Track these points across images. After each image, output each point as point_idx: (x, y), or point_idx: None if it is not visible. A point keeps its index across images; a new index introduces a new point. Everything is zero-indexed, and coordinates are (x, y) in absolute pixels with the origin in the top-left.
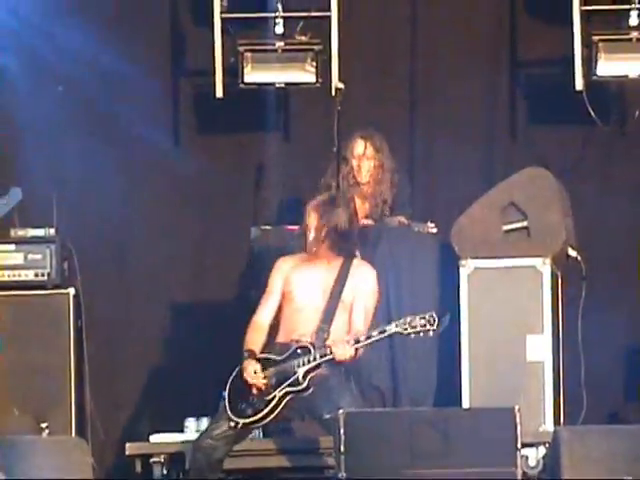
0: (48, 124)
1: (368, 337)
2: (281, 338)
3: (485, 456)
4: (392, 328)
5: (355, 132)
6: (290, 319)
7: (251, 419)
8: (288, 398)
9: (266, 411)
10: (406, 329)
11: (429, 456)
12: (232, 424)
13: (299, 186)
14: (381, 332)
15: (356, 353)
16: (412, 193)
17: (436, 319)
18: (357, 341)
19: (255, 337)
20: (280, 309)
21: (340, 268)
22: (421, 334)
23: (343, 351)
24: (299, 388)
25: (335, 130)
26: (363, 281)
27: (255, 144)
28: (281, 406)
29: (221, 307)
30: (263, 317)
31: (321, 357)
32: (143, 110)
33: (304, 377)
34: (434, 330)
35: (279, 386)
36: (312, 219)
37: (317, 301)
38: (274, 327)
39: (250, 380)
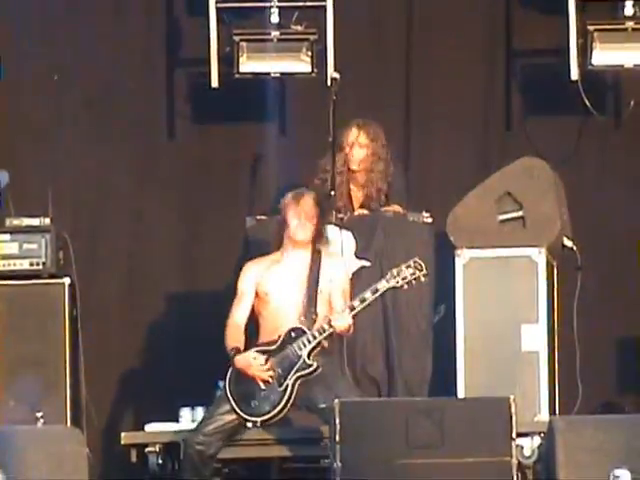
0: (43, 113)
1: (362, 300)
2: (263, 339)
3: (480, 446)
4: (383, 284)
5: (352, 121)
6: (269, 320)
7: (271, 414)
8: (299, 383)
9: (284, 402)
10: (398, 282)
11: (424, 446)
12: (250, 425)
13: (295, 176)
14: (374, 292)
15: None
16: (407, 183)
17: (422, 263)
18: (353, 307)
19: (236, 336)
20: (256, 313)
21: (311, 261)
22: (414, 282)
23: (342, 321)
24: (309, 370)
25: (330, 120)
26: (335, 270)
27: (251, 134)
28: (295, 393)
29: (216, 297)
30: (238, 318)
31: (320, 333)
32: (138, 100)
33: (309, 357)
34: (425, 275)
35: (288, 373)
36: (309, 206)
37: (294, 297)
38: (251, 332)
39: (256, 373)
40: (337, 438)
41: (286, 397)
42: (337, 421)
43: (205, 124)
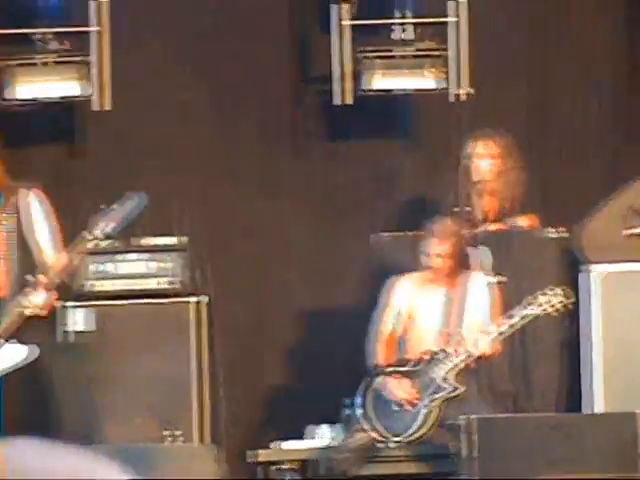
0: (173, 132)
1: (509, 325)
2: (407, 356)
3: (611, 462)
4: (529, 311)
5: (475, 132)
6: (414, 337)
7: (411, 436)
8: (439, 405)
9: (425, 424)
10: (545, 309)
11: (557, 461)
12: (391, 445)
13: (422, 193)
14: (522, 317)
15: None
16: (541, 197)
17: (569, 291)
18: (497, 332)
19: (384, 350)
20: (403, 329)
21: (458, 282)
22: (558, 309)
23: (487, 346)
24: (454, 394)
25: (459, 136)
26: (479, 288)
27: (378, 151)
28: (435, 415)
29: (346, 313)
30: (386, 330)
31: (464, 356)
32: (266, 117)
33: (451, 380)
34: (572, 302)
35: (429, 395)
36: (444, 233)
37: (440, 317)
38: (398, 344)
39: (401, 395)
40: (472, 454)
41: (432, 420)
42: (472, 437)
43: (332, 141)
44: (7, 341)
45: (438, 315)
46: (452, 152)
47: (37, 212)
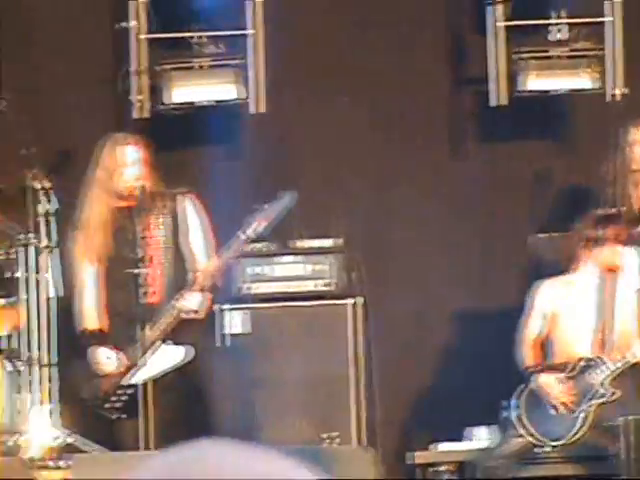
0: (331, 133)
1: None
2: (554, 360)
3: None
4: None
5: (632, 121)
6: (561, 342)
7: (567, 440)
8: (595, 409)
9: (581, 428)
10: None
11: None
12: (547, 449)
13: (577, 193)
14: None
15: None
16: None
17: None
18: None
19: (531, 353)
20: (547, 333)
21: (606, 284)
22: None
23: None
24: (612, 399)
25: (614, 135)
26: (631, 292)
27: (534, 151)
28: (592, 420)
29: (502, 315)
30: (531, 335)
31: (621, 362)
32: (422, 117)
33: (609, 386)
34: None
35: (585, 400)
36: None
37: (588, 321)
38: (545, 348)
39: (559, 400)
40: (629, 456)
41: (583, 424)
42: (629, 438)
43: (489, 142)
44: (164, 342)
45: (586, 318)
46: (607, 151)
47: (192, 218)
